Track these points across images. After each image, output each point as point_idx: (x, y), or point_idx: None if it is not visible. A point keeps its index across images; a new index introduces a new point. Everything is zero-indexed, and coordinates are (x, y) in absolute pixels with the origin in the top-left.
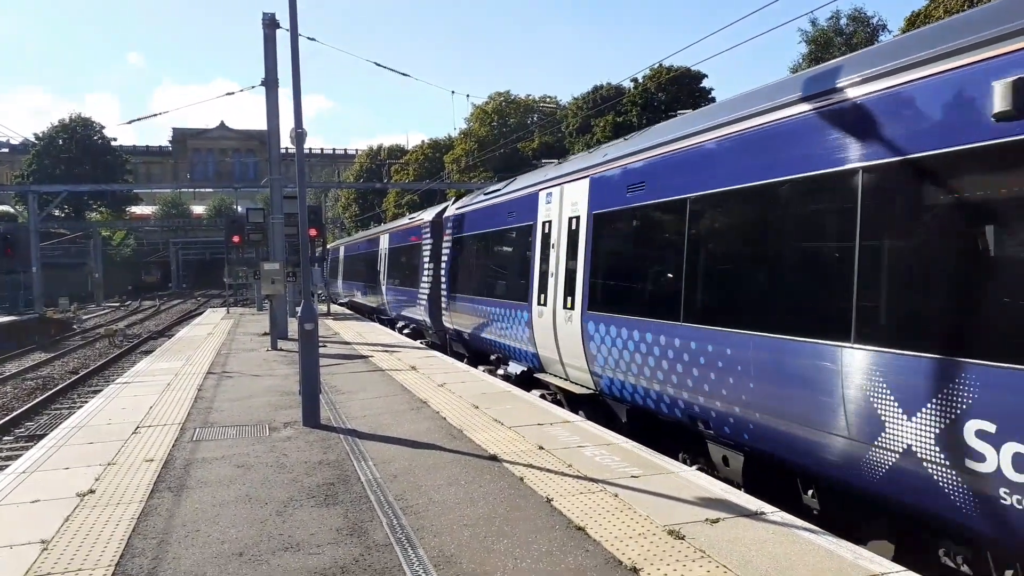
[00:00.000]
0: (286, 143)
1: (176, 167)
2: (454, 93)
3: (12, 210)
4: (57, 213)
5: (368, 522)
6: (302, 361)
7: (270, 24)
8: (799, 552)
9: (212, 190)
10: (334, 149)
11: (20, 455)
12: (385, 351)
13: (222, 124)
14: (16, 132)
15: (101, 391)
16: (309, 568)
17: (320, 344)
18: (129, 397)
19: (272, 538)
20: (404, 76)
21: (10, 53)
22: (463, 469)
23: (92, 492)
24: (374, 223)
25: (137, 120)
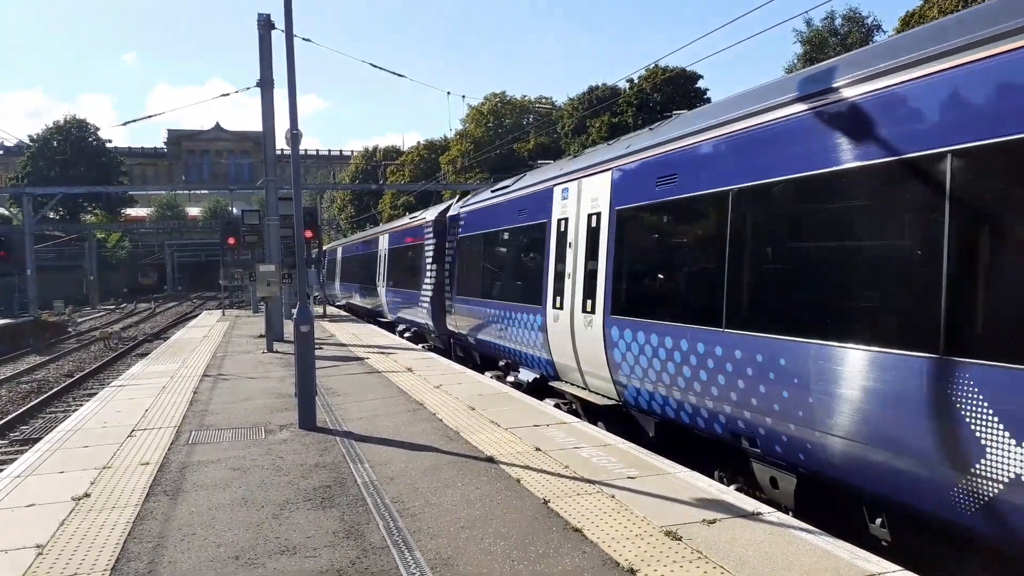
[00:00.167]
0: (281, 144)
1: (171, 169)
2: (450, 94)
3: (7, 212)
4: (52, 215)
5: (365, 524)
6: (298, 363)
7: (265, 25)
8: (796, 552)
9: (207, 192)
10: (330, 150)
11: (15, 459)
12: (381, 353)
13: (217, 126)
14: (11, 134)
15: (96, 394)
16: (306, 571)
17: (316, 346)
18: (124, 400)
19: (268, 541)
20: (399, 77)
21: (5, 54)
22: (460, 471)
23: (87, 496)
24: (370, 224)
25: (132, 122)
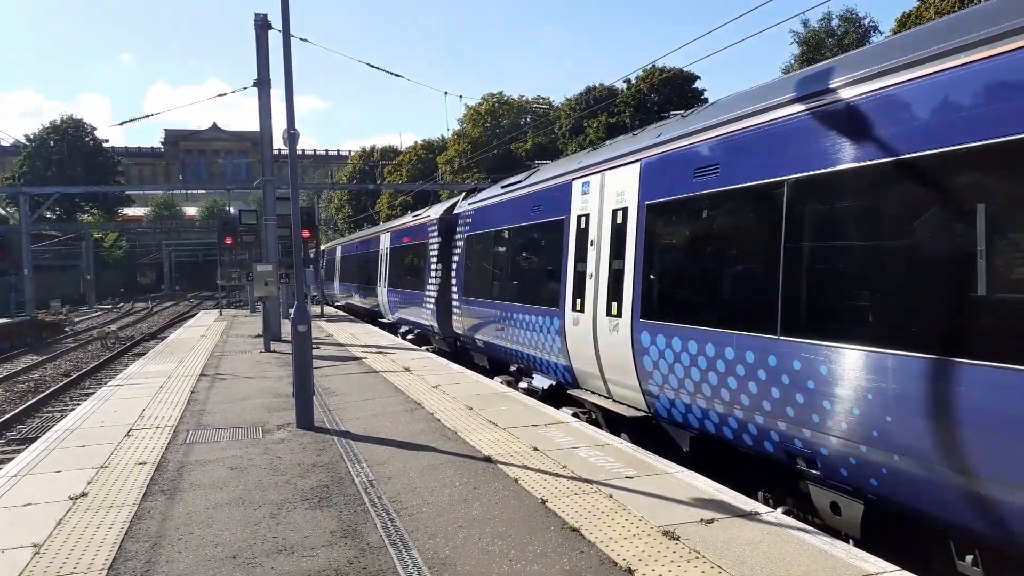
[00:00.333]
0: (279, 144)
1: (168, 169)
2: (447, 94)
3: (3, 212)
4: (49, 215)
5: (362, 524)
6: (295, 363)
7: (262, 25)
8: (794, 552)
9: (204, 192)
10: (327, 150)
11: (12, 458)
12: (379, 352)
13: (214, 125)
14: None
15: (93, 394)
16: (303, 571)
17: (314, 346)
18: (122, 400)
19: (266, 541)
20: (397, 77)
21: (1, 55)
22: (457, 471)
23: (85, 495)
24: (367, 224)
25: (129, 121)
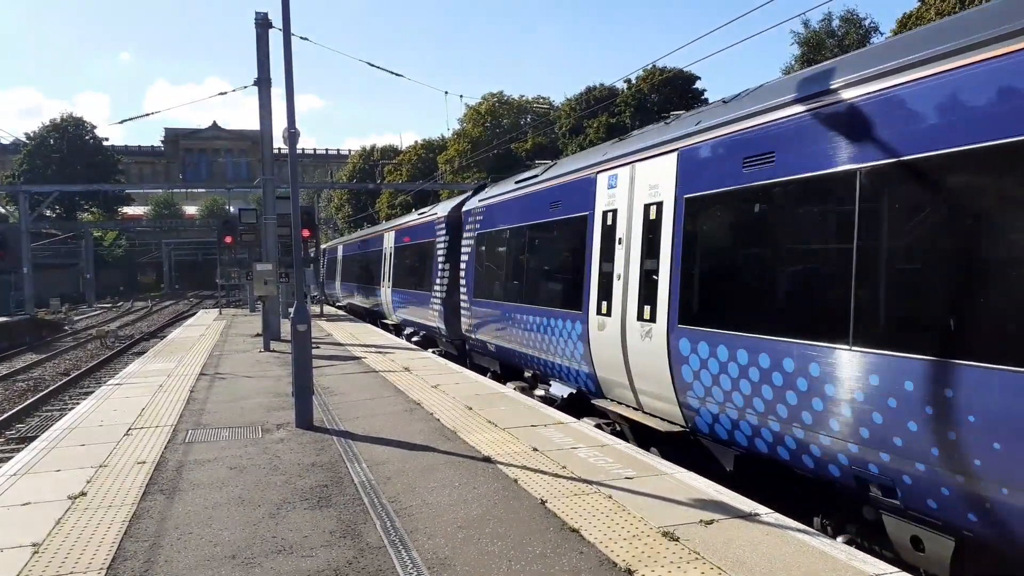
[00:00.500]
0: (279, 143)
1: (168, 167)
2: (447, 93)
3: (3, 210)
4: (48, 213)
5: (362, 524)
6: (295, 362)
7: (263, 24)
8: (793, 553)
9: (204, 191)
10: (327, 149)
11: (11, 457)
12: (378, 352)
13: (214, 124)
14: (7, 132)
15: (93, 392)
16: (302, 571)
17: (313, 345)
18: (121, 399)
19: (265, 540)
20: (397, 76)
21: (1, 53)
22: (457, 471)
23: (84, 495)
24: (367, 223)
25: (129, 120)
